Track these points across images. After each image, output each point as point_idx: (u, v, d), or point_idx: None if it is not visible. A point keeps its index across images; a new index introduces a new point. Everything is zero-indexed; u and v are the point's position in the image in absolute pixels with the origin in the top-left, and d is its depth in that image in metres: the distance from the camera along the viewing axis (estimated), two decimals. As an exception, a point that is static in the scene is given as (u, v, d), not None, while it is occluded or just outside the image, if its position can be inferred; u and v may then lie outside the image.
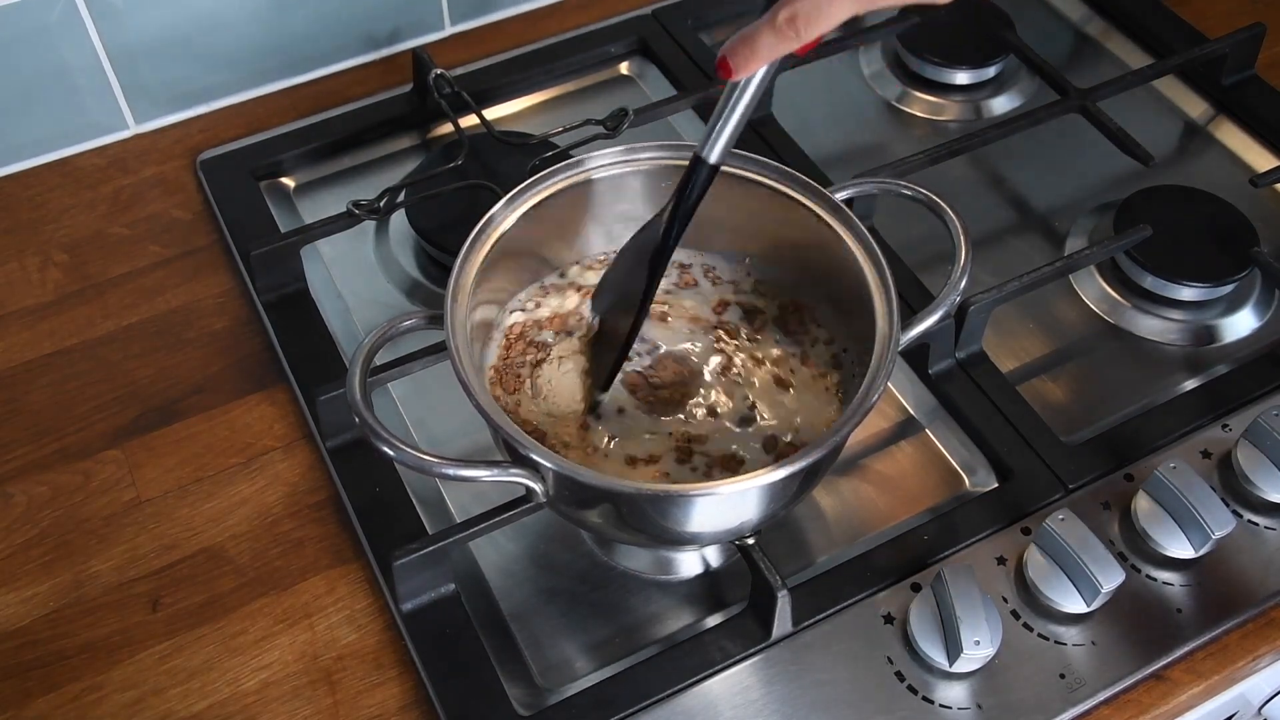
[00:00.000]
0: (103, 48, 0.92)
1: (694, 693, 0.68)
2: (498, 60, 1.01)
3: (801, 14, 0.56)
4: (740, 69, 0.59)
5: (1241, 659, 0.71)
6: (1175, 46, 1.01)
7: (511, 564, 0.74)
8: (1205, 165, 0.97)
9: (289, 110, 0.99)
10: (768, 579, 0.67)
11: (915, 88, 1.02)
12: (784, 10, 0.56)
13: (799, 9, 0.56)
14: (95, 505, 0.77)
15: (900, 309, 0.66)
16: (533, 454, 0.61)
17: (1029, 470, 0.76)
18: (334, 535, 0.75)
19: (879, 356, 0.64)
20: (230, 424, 0.80)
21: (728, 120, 0.63)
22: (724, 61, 0.59)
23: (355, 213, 0.86)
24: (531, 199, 0.71)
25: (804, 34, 0.56)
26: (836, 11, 0.56)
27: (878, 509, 0.77)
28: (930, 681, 0.68)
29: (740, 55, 0.58)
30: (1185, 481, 0.71)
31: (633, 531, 0.66)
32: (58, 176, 0.95)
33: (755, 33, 0.57)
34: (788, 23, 0.56)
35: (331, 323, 0.85)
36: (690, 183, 0.65)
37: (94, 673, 0.70)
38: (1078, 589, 0.69)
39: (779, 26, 0.56)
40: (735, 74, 0.59)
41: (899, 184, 0.74)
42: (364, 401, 0.63)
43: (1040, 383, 0.83)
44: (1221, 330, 0.86)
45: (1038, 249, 0.91)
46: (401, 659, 0.70)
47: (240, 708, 0.69)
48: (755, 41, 0.58)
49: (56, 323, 0.86)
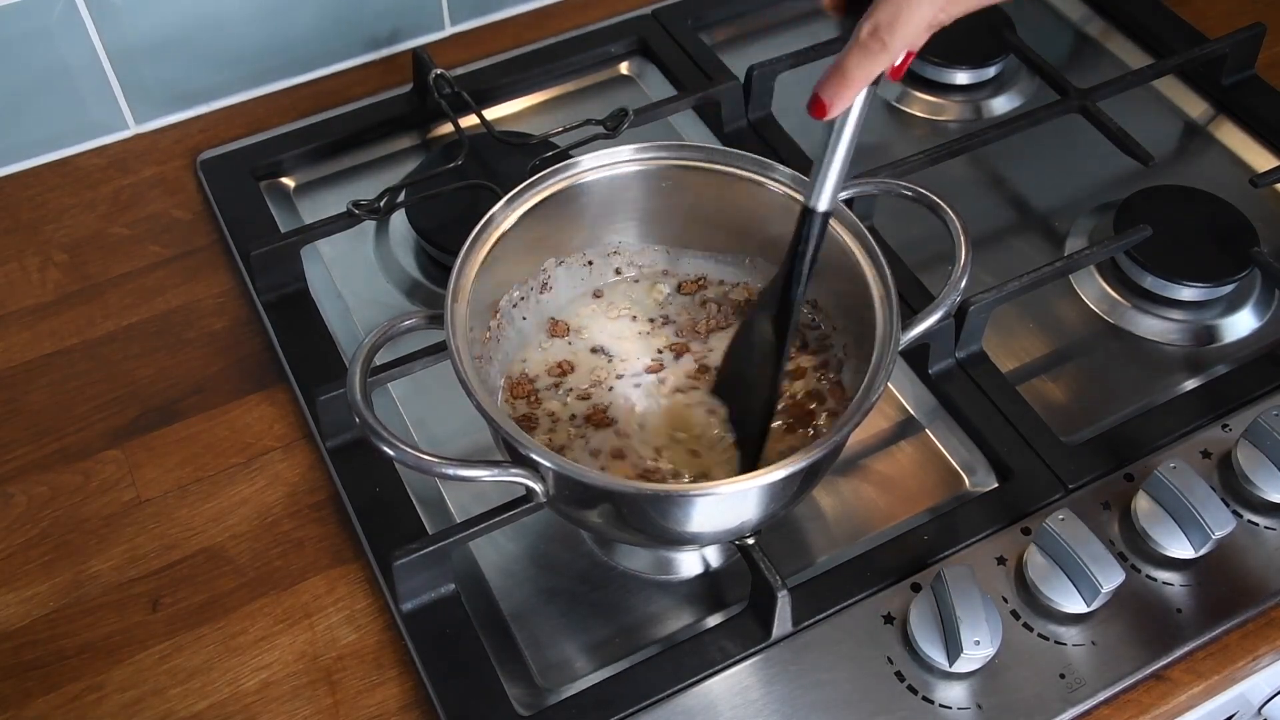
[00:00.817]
0: (103, 48, 0.92)
1: (694, 693, 0.68)
2: (498, 60, 1.01)
3: (883, 23, 0.54)
4: (837, 102, 0.57)
5: (1241, 659, 0.71)
6: (1175, 46, 1.01)
7: (511, 564, 0.74)
8: (1205, 165, 0.97)
9: (289, 110, 0.99)
10: (768, 579, 0.67)
11: (915, 88, 1.02)
12: (866, 25, 0.54)
13: (879, 20, 0.54)
14: (95, 505, 0.77)
15: (900, 309, 0.66)
16: (533, 454, 0.61)
17: (1029, 470, 0.76)
18: (334, 535, 0.75)
19: (879, 356, 0.64)
20: (230, 424, 0.80)
21: (831, 162, 0.60)
22: (816, 100, 0.56)
23: (355, 213, 0.86)
24: (531, 199, 0.71)
25: (891, 45, 0.54)
26: (916, 13, 0.54)
27: (878, 509, 0.77)
28: (930, 681, 0.68)
29: (833, 87, 0.56)
30: (1185, 481, 0.71)
31: (633, 531, 0.66)
32: (58, 176, 0.95)
33: (843, 59, 0.55)
34: (871, 35, 0.54)
35: (331, 323, 0.85)
36: (803, 237, 0.63)
37: (94, 673, 0.70)
38: (1078, 589, 0.69)
39: (864, 42, 0.54)
40: (832, 109, 0.57)
41: (899, 184, 0.74)
42: (364, 401, 0.63)
43: (1040, 383, 0.83)
44: (1221, 330, 0.86)
45: (1038, 249, 0.91)
46: (401, 659, 0.70)
47: (240, 708, 0.69)
48: (845, 67, 0.55)
49: (56, 323, 0.86)
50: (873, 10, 0.55)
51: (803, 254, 0.63)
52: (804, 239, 0.63)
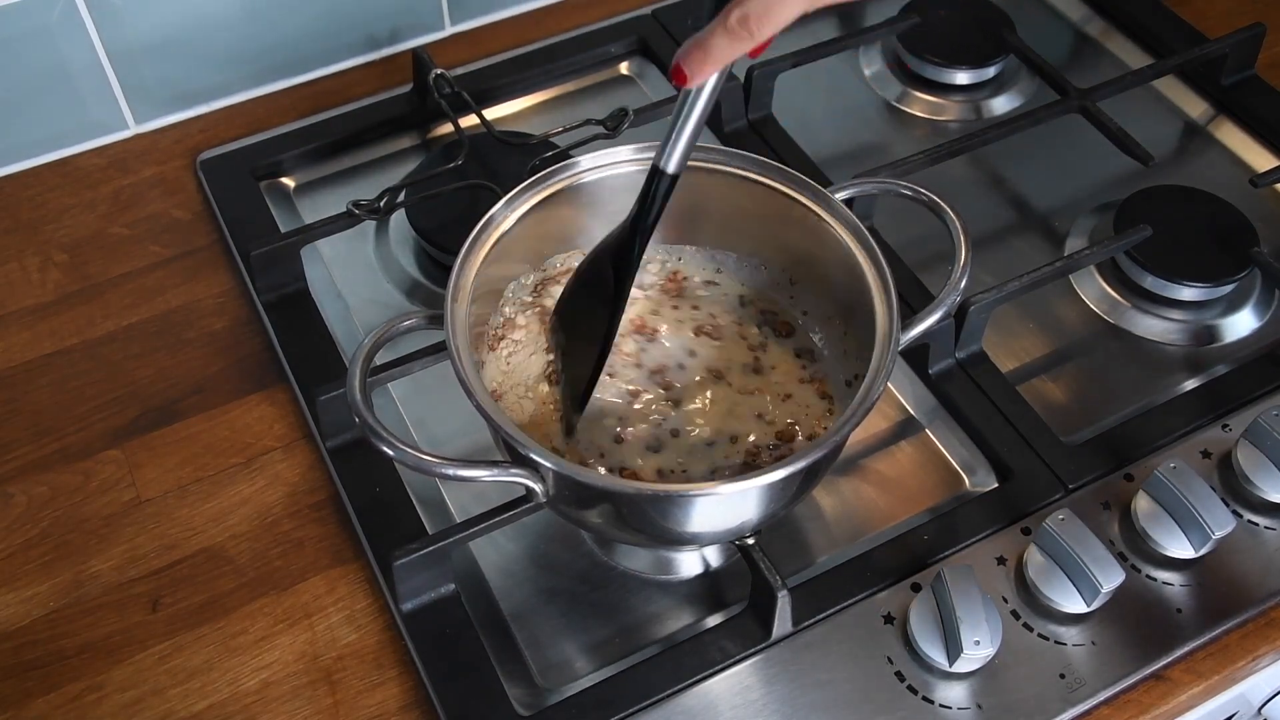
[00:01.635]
0: (103, 48, 0.92)
1: (694, 693, 0.68)
2: (498, 60, 1.01)
3: (753, 14, 0.56)
4: (695, 74, 0.59)
5: (1241, 659, 0.71)
6: (1175, 46, 1.01)
7: (511, 564, 0.74)
8: (1205, 165, 0.97)
9: (289, 110, 0.99)
10: (768, 579, 0.67)
11: (915, 88, 1.02)
12: (735, 11, 0.56)
13: (750, 9, 0.56)
14: (95, 505, 0.77)
15: (900, 309, 0.66)
16: (533, 454, 0.61)
17: (1029, 470, 0.76)
18: (334, 535, 0.75)
19: (879, 356, 0.64)
20: (230, 424, 0.80)
21: (684, 128, 0.62)
22: (678, 68, 0.59)
23: (355, 213, 0.86)
24: (531, 199, 0.71)
25: (757, 33, 0.56)
26: (787, 10, 0.56)
27: (878, 509, 0.77)
28: (930, 681, 0.68)
29: (694, 60, 0.58)
30: (1185, 481, 0.71)
31: (633, 531, 0.66)
32: (58, 176, 0.95)
33: (708, 37, 0.57)
34: (740, 23, 0.56)
35: (331, 323, 0.85)
36: (651, 194, 0.65)
37: (94, 673, 0.70)
38: (1078, 589, 0.69)
39: (731, 28, 0.56)
40: (691, 80, 0.59)
41: (899, 184, 0.74)
42: (364, 401, 0.63)
43: (1040, 383, 0.83)
44: (1221, 330, 0.86)
45: (1038, 249, 0.91)
46: (401, 659, 0.70)
47: (240, 708, 0.69)
48: (708, 45, 0.57)
49: (56, 323, 0.86)
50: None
51: (648, 211, 0.65)
52: (651, 197, 0.65)
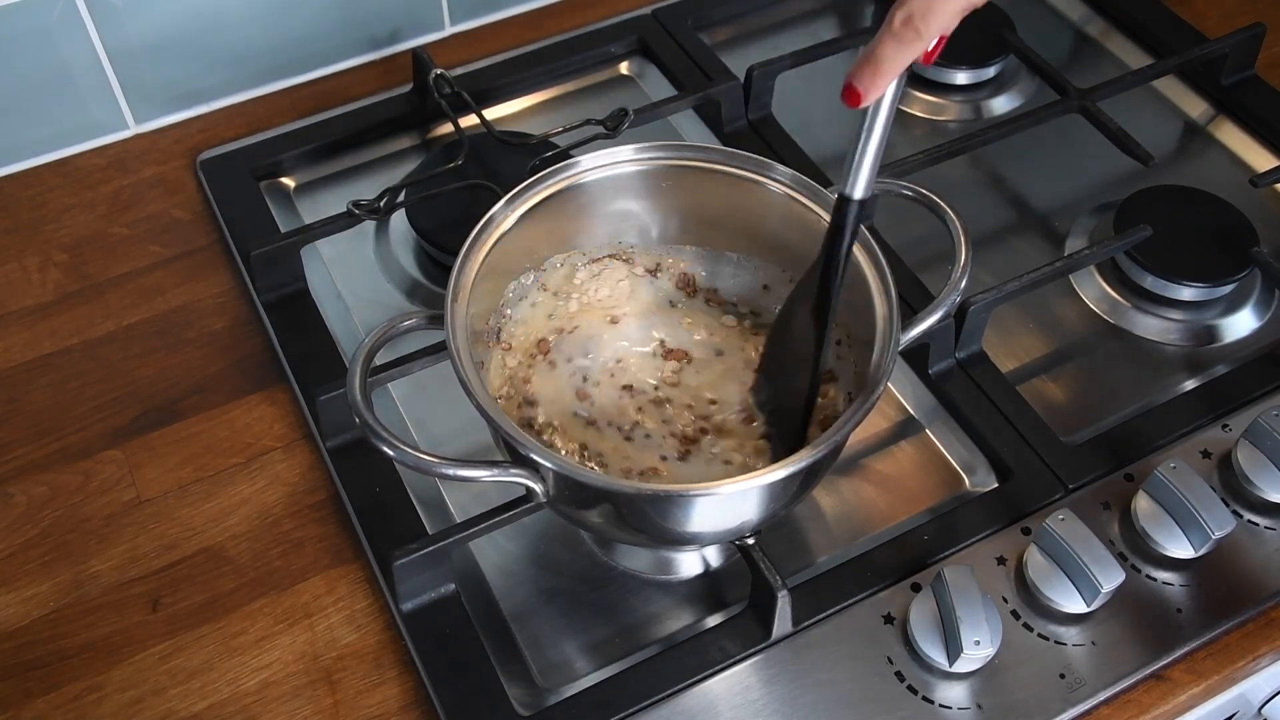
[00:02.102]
0: (103, 48, 0.92)
1: (694, 693, 0.68)
2: (498, 60, 1.01)
3: (917, 11, 0.54)
4: (869, 91, 0.56)
5: (1241, 659, 0.71)
6: (1175, 46, 1.01)
7: (511, 564, 0.74)
8: (1205, 165, 0.97)
9: (289, 110, 0.99)
10: (768, 579, 0.67)
11: (915, 88, 1.02)
12: (898, 14, 0.54)
13: (914, 8, 0.54)
14: (95, 505, 0.77)
15: (900, 309, 0.66)
16: (533, 454, 0.61)
17: (1029, 470, 0.76)
18: (334, 535, 0.75)
19: (879, 356, 0.64)
20: (230, 424, 0.80)
21: (866, 149, 0.60)
22: (850, 88, 0.56)
23: (355, 213, 0.86)
24: (531, 199, 0.71)
25: (924, 31, 0.54)
26: (951, 3, 0.54)
27: (878, 509, 0.77)
28: (930, 681, 0.68)
29: (865, 75, 0.56)
30: (1185, 481, 0.71)
31: (633, 531, 0.66)
32: (58, 176, 0.95)
33: (875, 48, 0.55)
34: (905, 24, 0.54)
35: (331, 323, 0.85)
36: (840, 225, 0.63)
37: (94, 673, 0.70)
38: (1078, 589, 0.69)
39: (897, 30, 0.54)
40: (866, 97, 0.57)
41: (899, 184, 0.74)
42: (364, 401, 0.63)
43: (1040, 383, 0.83)
44: (1221, 330, 0.86)
45: (1038, 249, 0.91)
46: (401, 659, 0.70)
47: (240, 708, 0.69)
48: (877, 56, 0.55)
49: (56, 323, 0.86)
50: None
51: (839, 242, 0.63)
52: (841, 227, 0.63)
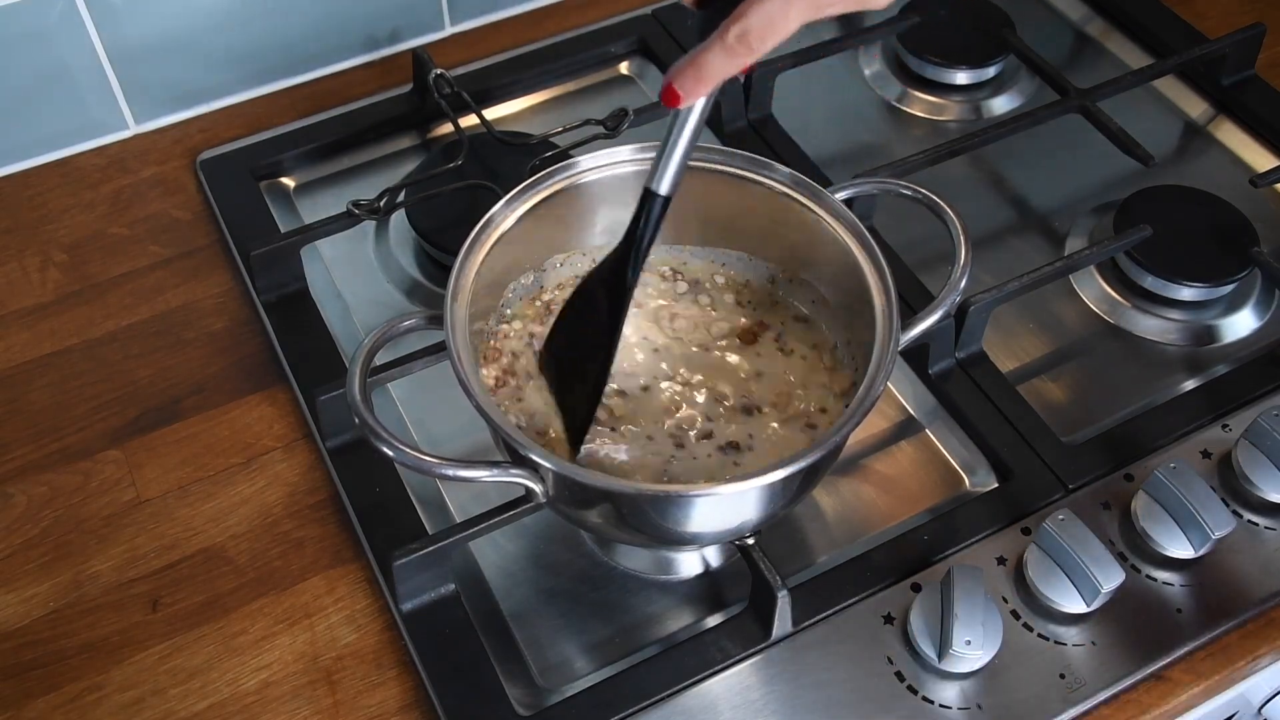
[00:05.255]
0: (103, 48, 0.92)
1: (694, 693, 0.68)
2: (498, 60, 1.01)
3: (754, 29, 0.53)
4: (689, 94, 0.57)
5: (1241, 659, 0.71)
6: (1175, 46, 1.01)
7: (511, 564, 0.74)
8: (1205, 165, 0.97)
9: (289, 110, 0.99)
10: (768, 579, 0.67)
11: (915, 88, 1.02)
12: (734, 27, 0.54)
13: (750, 24, 0.53)
14: (95, 505, 0.77)
15: (900, 309, 0.66)
16: (532, 454, 0.61)
17: (1029, 470, 0.76)
18: (334, 535, 0.75)
19: (879, 356, 0.64)
20: (230, 424, 0.80)
21: (675, 148, 0.60)
22: (669, 89, 0.56)
23: (355, 213, 0.86)
24: (531, 199, 0.71)
25: (757, 49, 0.54)
26: (789, 22, 0.53)
27: (878, 509, 0.77)
28: (930, 681, 0.68)
29: (688, 79, 0.56)
30: (1185, 481, 0.71)
31: (633, 531, 0.66)
32: (58, 176, 0.95)
33: (703, 54, 0.55)
34: (739, 39, 0.54)
35: (331, 323, 0.85)
36: (643, 217, 0.63)
37: (94, 673, 0.70)
38: (1078, 589, 0.69)
39: (730, 45, 0.54)
40: (684, 100, 0.57)
41: (899, 184, 0.74)
42: (364, 401, 0.63)
43: (1040, 383, 0.83)
44: (1221, 330, 0.86)
45: (1038, 249, 0.91)
46: (401, 659, 0.70)
47: (240, 708, 0.69)
48: (703, 64, 0.55)
49: (56, 323, 0.86)
50: (743, 13, 0.54)
51: (641, 235, 0.63)
52: (644, 220, 0.63)
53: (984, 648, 0.66)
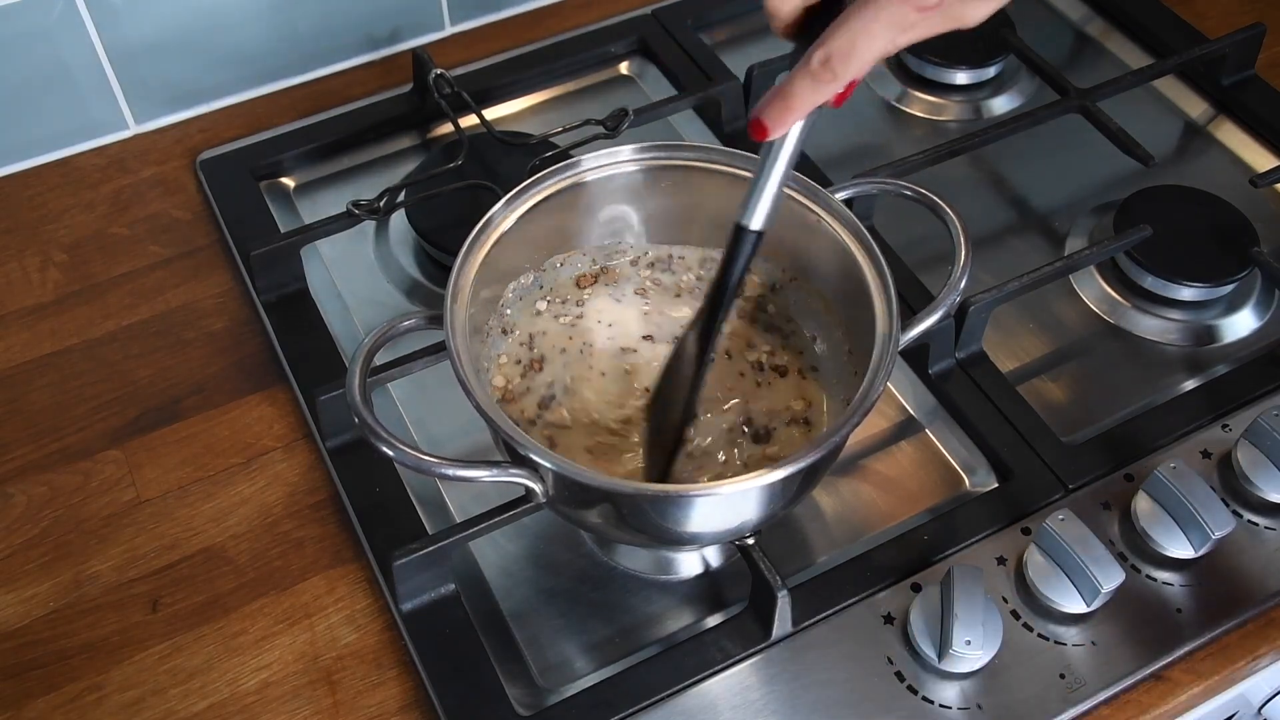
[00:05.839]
0: (103, 48, 0.92)
1: (694, 693, 0.68)
2: (498, 60, 1.01)
3: (837, 52, 0.52)
4: (777, 127, 0.55)
5: (1241, 659, 0.71)
6: (1175, 46, 1.01)
7: (511, 564, 0.74)
8: (1205, 165, 0.97)
9: (289, 110, 0.99)
10: (768, 579, 0.67)
11: (915, 88, 1.02)
12: (818, 53, 0.52)
13: (833, 48, 0.52)
14: (95, 505, 0.77)
15: (900, 309, 0.66)
16: (532, 454, 0.61)
17: (1029, 470, 0.76)
18: (334, 535, 0.75)
19: (879, 356, 0.64)
20: (230, 424, 0.81)
21: (767, 183, 0.59)
22: (757, 122, 0.55)
23: (355, 213, 0.86)
24: (531, 199, 0.71)
25: (841, 74, 0.52)
26: (874, 42, 0.52)
27: (878, 509, 0.77)
28: (930, 681, 0.68)
29: (775, 111, 0.54)
30: (1185, 481, 0.71)
31: (633, 531, 0.66)
32: (58, 176, 0.95)
33: (789, 84, 0.54)
34: (823, 65, 0.52)
35: (331, 323, 0.85)
36: (734, 254, 0.61)
37: (94, 673, 0.70)
38: (1078, 589, 0.69)
39: (815, 71, 0.53)
40: (772, 132, 0.55)
41: (899, 184, 0.74)
42: (364, 401, 0.63)
43: (1040, 383, 0.83)
44: (1221, 330, 0.86)
45: (1038, 249, 0.91)
46: (401, 659, 0.70)
47: (240, 708, 0.69)
48: (789, 93, 0.54)
49: (56, 323, 0.86)
50: (827, 38, 0.53)
51: (731, 270, 0.62)
52: (734, 257, 0.61)
53: (984, 648, 0.66)
